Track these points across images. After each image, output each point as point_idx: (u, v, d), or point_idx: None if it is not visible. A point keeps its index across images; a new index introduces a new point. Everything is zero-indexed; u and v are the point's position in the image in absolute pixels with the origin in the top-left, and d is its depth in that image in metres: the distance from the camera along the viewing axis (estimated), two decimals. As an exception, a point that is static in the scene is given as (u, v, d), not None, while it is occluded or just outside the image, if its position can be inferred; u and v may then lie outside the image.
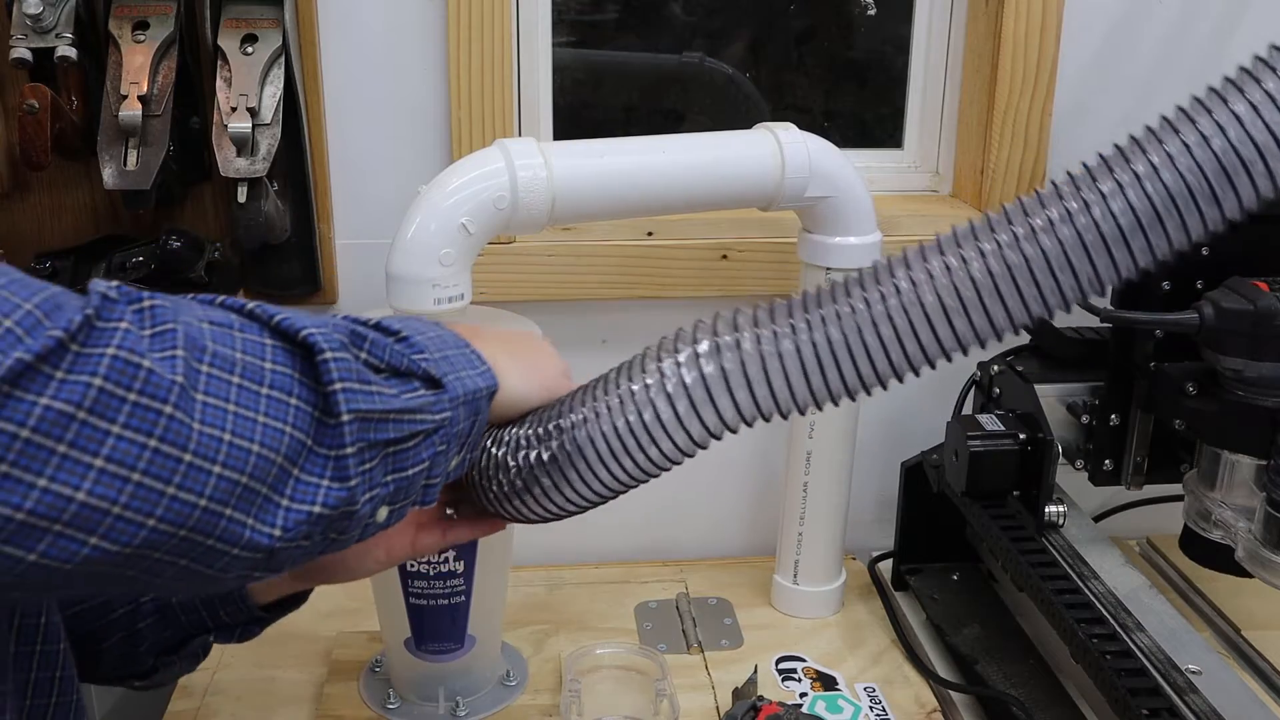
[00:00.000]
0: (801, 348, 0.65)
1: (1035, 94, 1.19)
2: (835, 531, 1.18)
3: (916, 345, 0.65)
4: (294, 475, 0.54)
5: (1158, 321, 0.97)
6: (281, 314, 0.56)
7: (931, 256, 0.64)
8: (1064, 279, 0.63)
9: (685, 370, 0.65)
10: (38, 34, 0.99)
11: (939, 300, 0.63)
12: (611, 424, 0.66)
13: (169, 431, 0.49)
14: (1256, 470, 0.95)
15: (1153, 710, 0.82)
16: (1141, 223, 0.63)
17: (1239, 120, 0.63)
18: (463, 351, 0.66)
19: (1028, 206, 0.64)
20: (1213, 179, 0.62)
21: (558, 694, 1.06)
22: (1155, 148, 0.64)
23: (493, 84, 1.13)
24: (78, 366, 0.47)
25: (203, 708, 1.04)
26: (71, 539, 0.48)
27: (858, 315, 0.64)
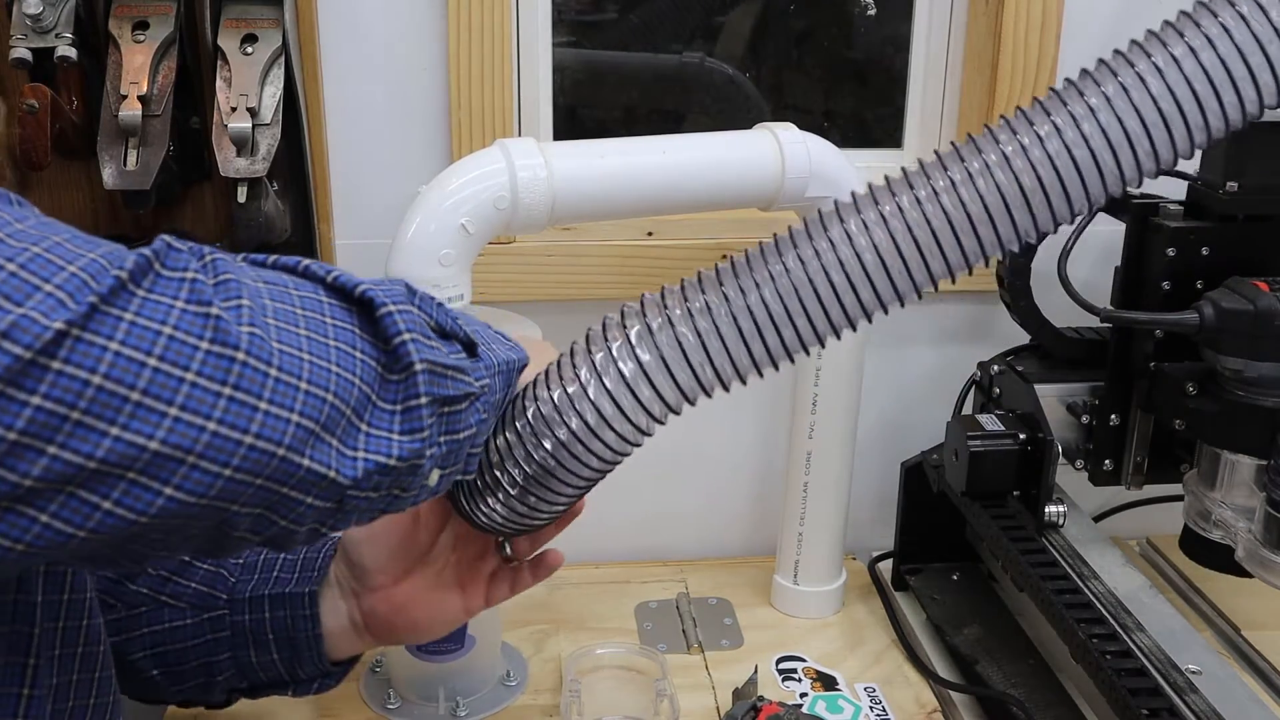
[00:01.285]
0: (738, 315, 0.65)
1: (1035, 94, 1.19)
2: (835, 531, 1.18)
3: (869, 291, 0.65)
4: (362, 429, 0.54)
5: (1158, 321, 0.97)
6: (336, 271, 0.57)
7: (870, 204, 0.65)
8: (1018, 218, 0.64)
9: (622, 362, 0.65)
10: (38, 34, 0.99)
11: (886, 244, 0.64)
12: (554, 436, 0.66)
13: (243, 379, 0.49)
14: (1256, 470, 0.95)
15: (1153, 710, 0.82)
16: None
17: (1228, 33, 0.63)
18: (488, 329, 0.67)
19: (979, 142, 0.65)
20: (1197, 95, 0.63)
21: (558, 694, 1.06)
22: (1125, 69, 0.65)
23: (493, 84, 1.13)
24: (146, 310, 0.47)
25: (201, 709, 1.04)
26: (146, 488, 0.47)
27: (791, 275, 0.65)
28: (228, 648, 0.84)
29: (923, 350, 1.28)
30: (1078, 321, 1.08)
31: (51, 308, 0.45)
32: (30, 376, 0.44)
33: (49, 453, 0.45)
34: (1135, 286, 1.02)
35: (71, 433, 0.45)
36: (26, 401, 0.44)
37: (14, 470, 0.45)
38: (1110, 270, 1.05)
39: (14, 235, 0.46)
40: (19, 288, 0.45)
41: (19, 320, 0.44)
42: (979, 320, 1.27)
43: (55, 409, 0.45)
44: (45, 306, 0.45)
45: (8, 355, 0.44)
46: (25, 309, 0.44)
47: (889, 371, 1.28)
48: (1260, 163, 0.96)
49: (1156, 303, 0.99)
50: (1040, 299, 1.10)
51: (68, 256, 0.46)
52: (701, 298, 0.66)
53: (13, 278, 0.45)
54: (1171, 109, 0.63)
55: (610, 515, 1.26)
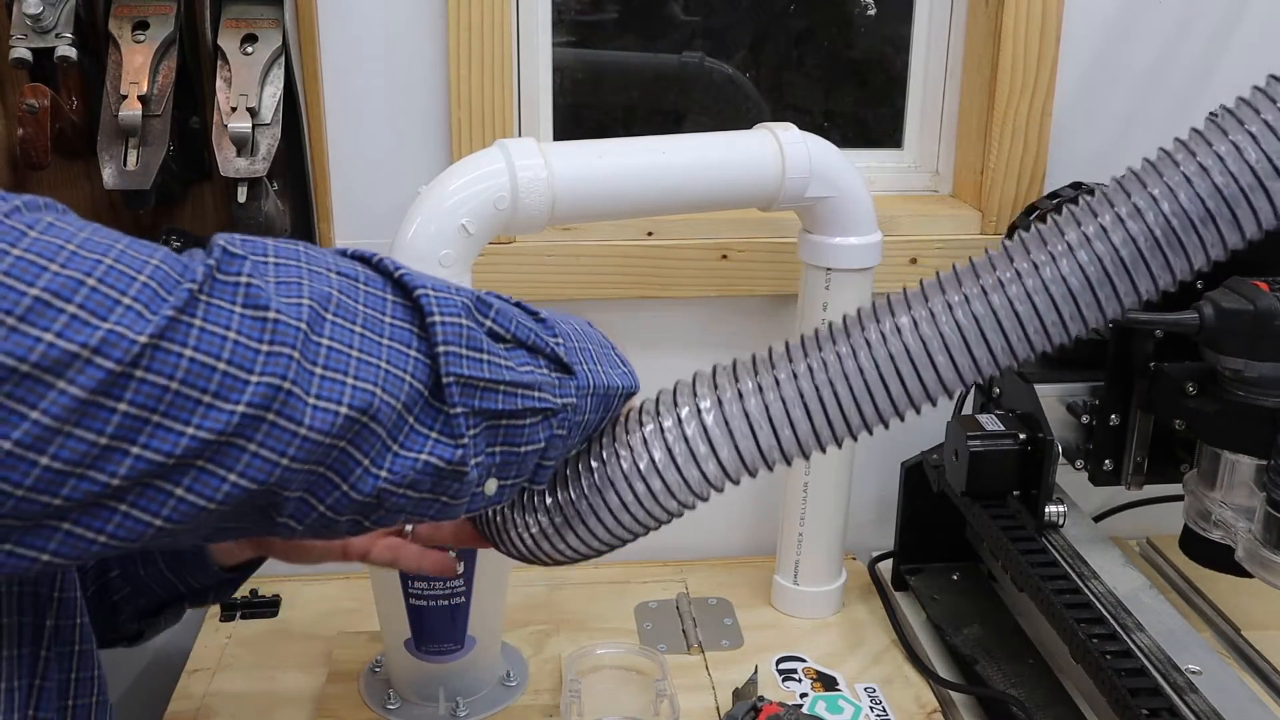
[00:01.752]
0: (805, 393, 0.66)
1: (1035, 94, 1.19)
2: (835, 531, 1.18)
3: (909, 385, 0.66)
4: (409, 423, 0.56)
5: (1158, 321, 0.97)
6: (404, 270, 0.59)
7: (913, 303, 0.66)
8: (1059, 313, 0.65)
9: (686, 426, 0.67)
10: (38, 34, 0.99)
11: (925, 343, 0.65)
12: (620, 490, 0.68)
13: (299, 377, 0.52)
14: (1256, 470, 0.95)
15: (1153, 710, 0.82)
16: (1126, 263, 0.64)
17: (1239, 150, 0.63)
18: (606, 351, 0.68)
19: (1027, 242, 0.65)
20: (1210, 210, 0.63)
21: (558, 694, 1.06)
22: (1153, 180, 0.65)
23: (493, 84, 1.13)
24: (211, 316, 0.50)
25: (202, 708, 1.04)
26: (214, 475, 0.51)
27: (858, 357, 0.66)
28: (115, 564, 0.85)
29: (923, 350, 1.28)
30: (1078, 321, 1.08)
31: (134, 320, 0.48)
32: (118, 386, 0.47)
33: (133, 453, 0.49)
34: (1135, 286, 1.02)
35: (153, 433, 0.49)
36: (114, 409, 0.48)
37: (104, 471, 0.48)
38: (1110, 270, 1.05)
39: (85, 246, 0.49)
40: (102, 302, 0.47)
41: (107, 336, 0.47)
42: (979, 320, 1.27)
43: (139, 414, 0.48)
44: (128, 320, 0.48)
45: (101, 370, 0.47)
46: (111, 324, 0.47)
47: (889, 371, 1.27)
48: (1260, 163, 0.95)
49: (1156, 303, 0.99)
50: (1040, 299, 1.10)
51: (135, 265, 0.49)
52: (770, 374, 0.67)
53: (95, 293, 0.47)
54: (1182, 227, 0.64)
55: (610, 515, 1.26)
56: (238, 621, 1.17)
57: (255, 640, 1.13)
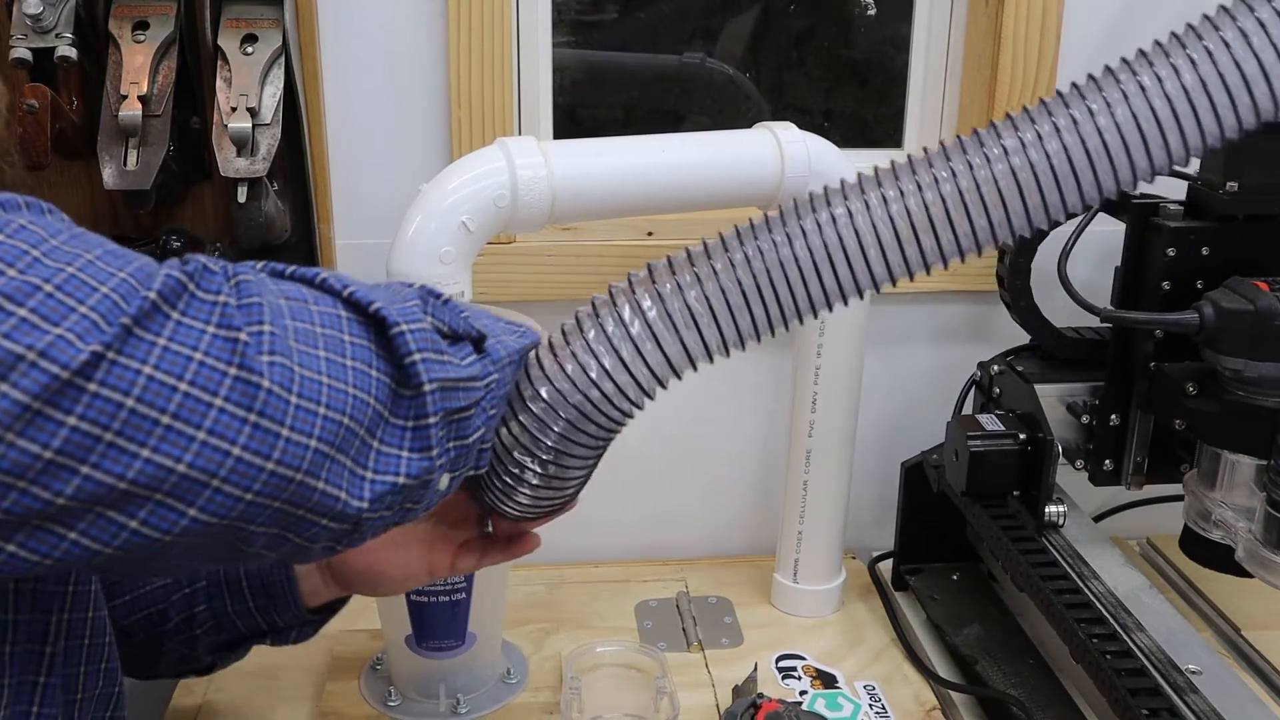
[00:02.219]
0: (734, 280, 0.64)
1: (1035, 94, 1.19)
2: (835, 530, 1.18)
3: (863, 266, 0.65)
4: (374, 447, 0.55)
5: (1158, 321, 0.97)
6: (352, 285, 0.57)
7: (868, 188, 0.65)
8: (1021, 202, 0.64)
9: (630, 324, 0.65)
10: (38, 34, 0.99)
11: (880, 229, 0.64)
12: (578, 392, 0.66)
13: (268, 406, 0.50)
14: (1256, 470, 0.95)
15: (1153, 710, 0.82)
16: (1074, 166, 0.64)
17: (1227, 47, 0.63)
18: (493, 320, 0.67)
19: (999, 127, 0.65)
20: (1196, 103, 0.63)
21: (558, 692, 1.06)
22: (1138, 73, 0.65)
23: (493, 84, 1.13)
24: (179, 336, 0.48)
25: (204, 706, 1.04)
26: (171, 509, 0.49)
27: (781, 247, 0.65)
28: (204, 599, 0.85)
29: (923, 350, 1.28)
30: (1078, 321, 1.08)
31: (86, 330, 0.46)
32: (67, 397, 0.46)
33: (82, 472, 0.46)
34: (1135, 286, 1.02)
35: (104, 453, 0.47)
36: (63, 422, 0.46)
37: (48, 489, 0.46)
38: (1110, 270, 1.05)
39: (49, 254, 0.47)
40: (55, 309, 0.46)
41: (55, 341, 0.45)
42: (979, 320, 1.27)
43: (90, 430, 0.46)
44: (80, 329, 0.46)
45: (45, 374, 0.45)
46: (61, 329, 0.46)
47: (889, 371, 1.28)
48: (1260, 163, 0.95)
49: (1156, 303, 0.99)
50: (1040, 299, 1.10)
51: (100, 276, 0.48)
52: (706, 264, 0.65)
53: (49, 299, 0.46)
54: (1181, 109, 0.64)
55: (610, 514, 1.26)
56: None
57: (255, 639, 1.13)
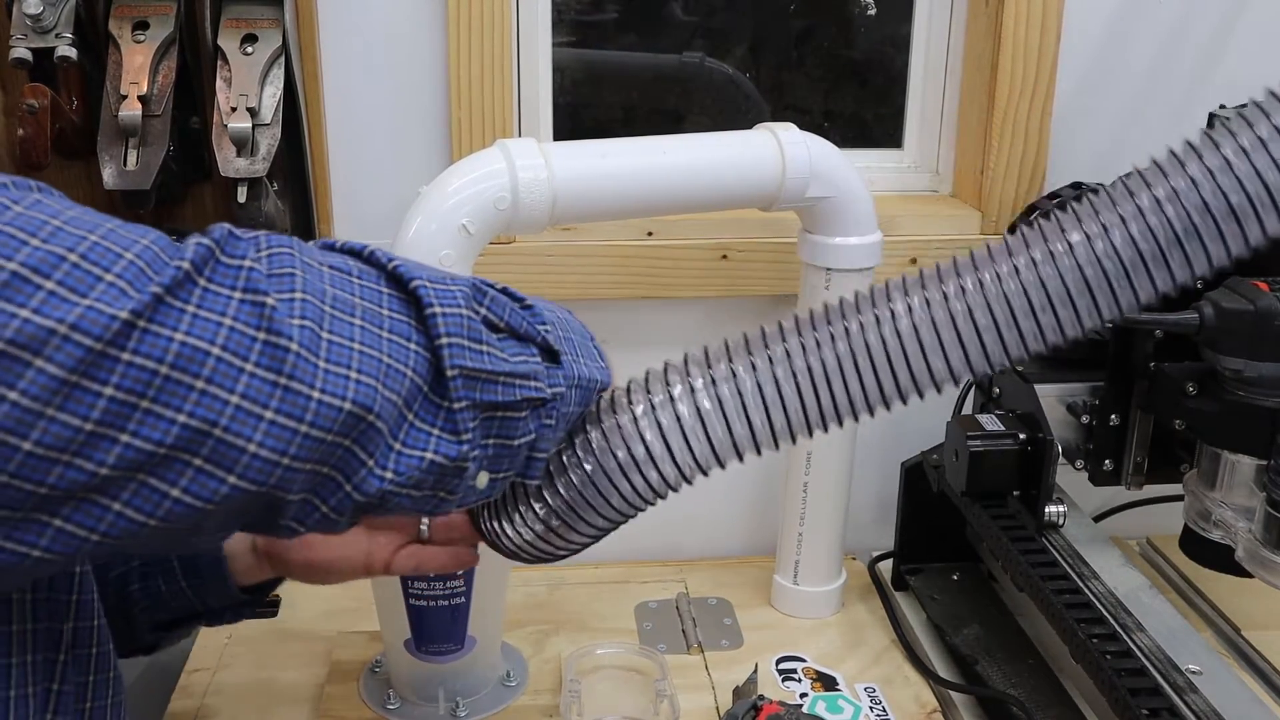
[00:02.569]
0: (798, 372, 0.65)
1: (1035, 94, 1.19)
2: (835, 531, 1.18)
3: (908, 373, 0.66)
4: (409, 420, 0.55)
5: (1158, 321, 0.97)
6: (398, 261, 0.57)
7: (928, 284, 0.65)
8: (1051, 316, 0.64)
9: (680, 403, 0.65)
10: (38, 34, 0.99)
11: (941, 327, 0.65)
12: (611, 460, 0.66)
13: (297, 369, 0.50)
14: (1256, 470, 0.95)
15: (1153, 710, 0.82)
16: (1144, 259, 0.63)
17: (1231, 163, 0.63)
18: (586, 342, 0.67)
19: (1027, 237, 0.65)
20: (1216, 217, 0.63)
21: (558, 694, 1.06)
22: (1158, 182, 0.64)
23: (493, 84, 1.13)
24: (207, 302, 0.49)
25: (203, 708, 1.04)
26: (211, 475, 0.49)
27: (851, 339, 0.65)
28: (138, 579, 0.85)
29: (923, 350, 1.28)
30: (1078, 321, 1.08)
31: (115, 297, 0.46)
32: (102, 368, 0.46)
33: (122, 440, 0.47)
34: (1135, 286, 1.02)
35: (143, 420, 0.47)
36: (100, 392, 0.46)
37: (91, 459, 0.46)
38: (1110, 270, 1.05)
39: (70, 223, 0.47)
40: (82, 279, 0.46)
41: (86, 312, 0.45)
42: (979, 320, 1.27)
43: (127, 398, 0.46)
44: (109, 296, 0.46)
45: (80, 348, 0.45)
46: (91, 299, 0.46)
47: (889, 371, 1.27)
48: (1260, 163, 0.95)
49: (1156, 303, 0.99)
50: (1040, 299, 1.10)
51: (123, 243, 0.48)
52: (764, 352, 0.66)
53: (76, 268, 0.46)
54: None
55: (610, 515, 1.26)
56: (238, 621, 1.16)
57: (255, 640, 1.13)
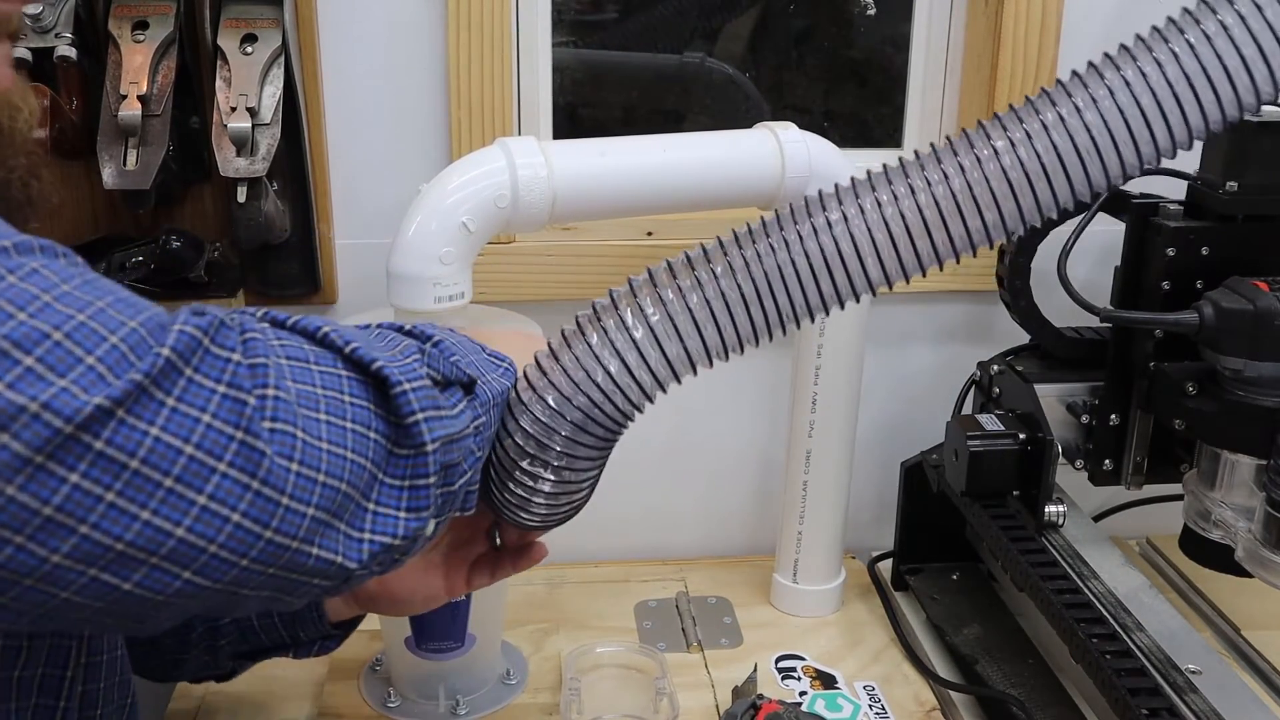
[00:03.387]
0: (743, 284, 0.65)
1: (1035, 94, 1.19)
2: (835, 531, 1.18)
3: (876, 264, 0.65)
4: (368, 508, 0.55)
5: (1158, 321, 0.97)
6: (354, 342, 0.56)
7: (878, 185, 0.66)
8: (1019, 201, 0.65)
9: (633, 328, 0.65)
10: (37, 34, 0.99)
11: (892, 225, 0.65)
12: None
13: (271, 474, 0.49)
14: (1256, 470, 0.95)
15: (1153, 710, 0.82)
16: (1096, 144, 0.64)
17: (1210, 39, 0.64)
18: (480, 355, 0.66)
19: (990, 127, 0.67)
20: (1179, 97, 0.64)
21: (558, 692, 1.06)
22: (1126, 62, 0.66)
23: (493, 84, 1.13)
24: (189, 396, 0.47)
25: (203, 707, 1.04)
26: (166, 572, 0.48)
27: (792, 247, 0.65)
28: None
29: (923, 350, 1.28)
30: (1078, 321, 1.08)
31: (92, 382, 0.45)
32: (70, 453, 0.44)
33: (80, 532, 0.45)
34: (1135, 286, 1.02)
35: (105, 513, 0.45)
36: (65, 478, 0.44)
37: (43, 545, 0.45)
38: (1110, 270, 1.05)
39: (61, 299, 0.46)
40: (63, 358, 0.44)
41: (59, 393, 0.44)
42: (979, 320, 1.27)
43: (92, 488, 0.45)
44: (87, 380, 0.45)
45: (49, 428, 0.44)
46: (67, 381, 0.44)
47: (889, 371, 1.28)
48: (1260, 163, 0.96)
49: (1156, 303, 0.99)
50: (1040, 299, 1.10)
51: (110, 325, 0.46)
52: (706, 269, 0.66)
53: (58, 347, 0.45)
54: (1178, 98, 0.64)
55: (610, 514, 1.26)
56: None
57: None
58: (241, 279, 1.14)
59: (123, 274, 1.10)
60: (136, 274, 1.09)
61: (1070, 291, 1.02)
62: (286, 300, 1.17)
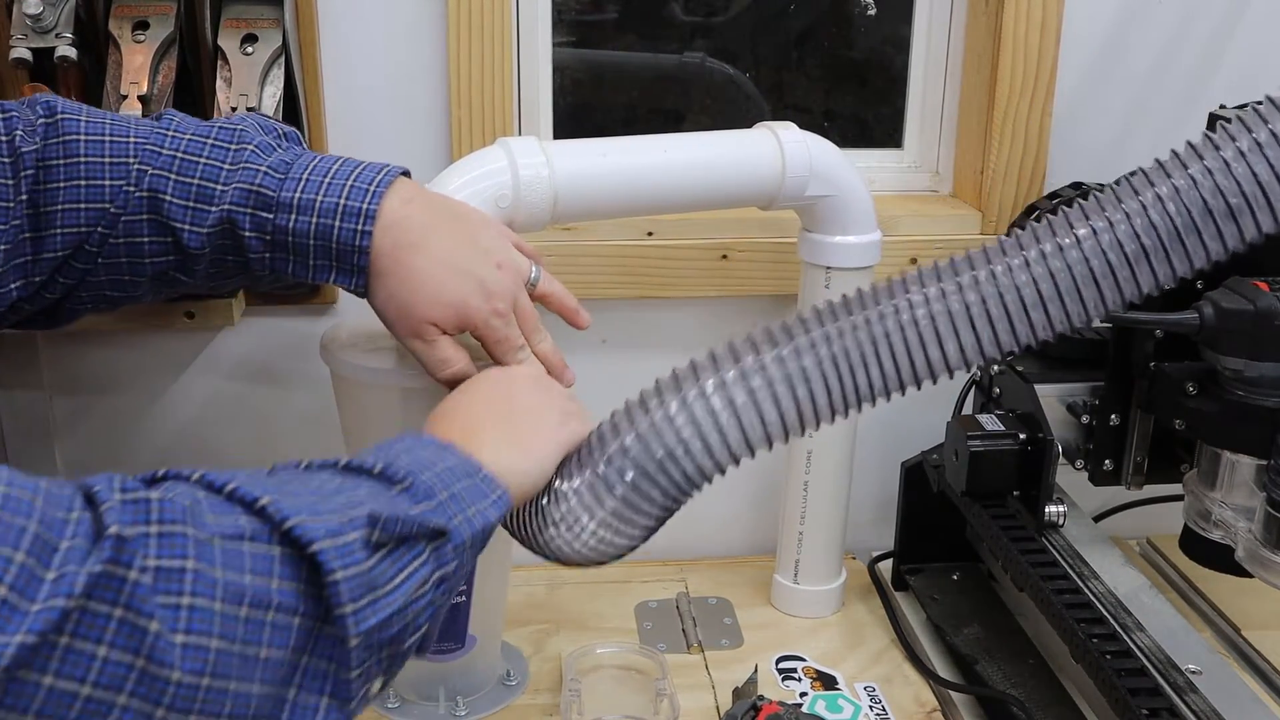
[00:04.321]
0: (823, 361, 0.69)
1: (1035, 94, 1.19)
2: (835, 531, 1.18)
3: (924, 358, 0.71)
4: (289, 698, 0.52)
5: (1158, 321, 0.97)
6: (293, 517, 0.52)
7: (942, 276, 0.69)
8: (1062, 307, 0.68)
9: (714, 395, 0.68)
10: (38, 34, 0.99)
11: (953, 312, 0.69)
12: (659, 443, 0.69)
13: (177, 699, 0.46)
14: (1256, 470, 0.95)
15: (1153, 710, 0.82)
16: (1145, 250, 0.66)
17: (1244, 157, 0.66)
18: (473, 481, 0.63)
19: (1037, 233, 0.68)
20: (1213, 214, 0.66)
21: (558, 693, 1.06)
22: (1161, 180, 0.67)
23: (493, 84, 1.13)
24: (82, 629, 0.44)
25: (203, 707, 1.04)
26: None
27: (873, 326, 0.69)
28: (269, 248, 0.79)
29: (923, 350, 1.28)
30: (1078, 321, 1.08)
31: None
32: None
33: None
34: (1135, 286, 1.02)
35: None
36: None
37: None
38: (1110, 270, 1.05)
39: None
40: None
41: None
42: (979, 320, 1.27)
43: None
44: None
45: None
46: None
47: (889, 371, 1.27)
48: (1260, 163, 0.95)
49: (1156, 303, 0.98)
50: (1040, 299, 1.10)
51: None
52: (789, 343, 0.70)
53: None
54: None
55: (610, 515, 1.26)
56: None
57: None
58: (241, 279, 1.14)
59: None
60: (136, 274, 1.09)
61: (1070, 292, 1.02)
62: (287, 300, 1.17)
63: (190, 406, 1.22)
